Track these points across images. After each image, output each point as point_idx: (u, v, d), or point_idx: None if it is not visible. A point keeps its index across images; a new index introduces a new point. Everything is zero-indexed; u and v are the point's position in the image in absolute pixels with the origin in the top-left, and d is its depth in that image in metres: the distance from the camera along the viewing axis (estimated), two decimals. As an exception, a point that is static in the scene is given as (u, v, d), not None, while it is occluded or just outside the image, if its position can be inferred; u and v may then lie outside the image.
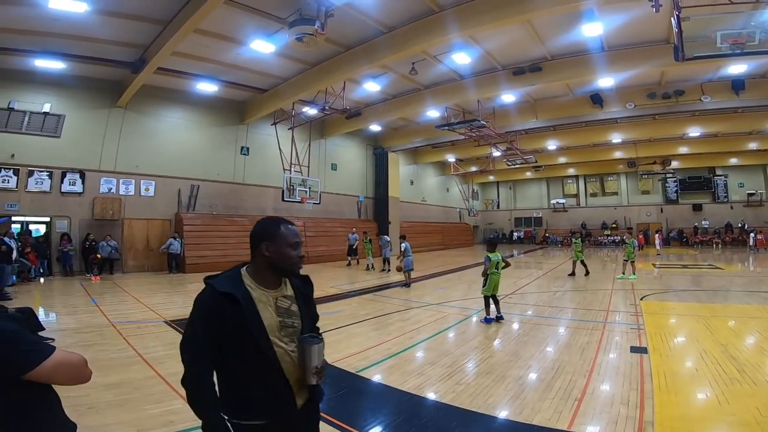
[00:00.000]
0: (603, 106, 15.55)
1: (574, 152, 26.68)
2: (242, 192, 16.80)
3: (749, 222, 27.14)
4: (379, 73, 13.70)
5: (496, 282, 6.79)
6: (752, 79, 13.47)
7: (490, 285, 6.72)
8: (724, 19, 5.76)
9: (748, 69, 12.76)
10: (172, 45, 10.02)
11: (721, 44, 5.66)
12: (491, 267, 6.73)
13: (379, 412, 3.44)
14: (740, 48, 5.72)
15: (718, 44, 5.68)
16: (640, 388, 3.74)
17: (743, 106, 15.54)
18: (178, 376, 4.02)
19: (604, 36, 10.88)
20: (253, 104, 16.24)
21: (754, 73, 13.19)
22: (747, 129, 19.95)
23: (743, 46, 5.67)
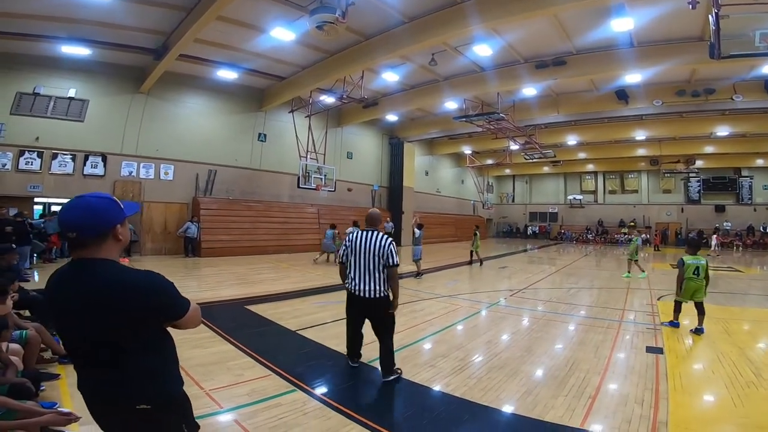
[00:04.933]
0: (628, 102, 15.13)
1: (594, 148, 26.13)
2: (258, 178, 16.97)
3: (773, 225, 26.32)
4: (398, 63, 13.56)
5: (694, 288, 5.84)
6: (787, 78, 12.91)
7: (685, 292, 5.89)
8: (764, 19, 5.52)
9: (783, 69, 12.22)
10: (194, 32, 10.08)
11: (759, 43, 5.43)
12: (687, 272, 5.86)
13: (390, 402, 3.49)
14: (778, 48, 5.49)
15: (756, 43, 5.46)
16: (655, 388, 3.71)
17: (775, 107, 14.95)
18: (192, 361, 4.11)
19: (633, 31, 10.50)
20: (271, 92, 16.28)
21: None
22: (778, 130, 19.18)
23: (782, 46, 5.43)
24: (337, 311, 6.63)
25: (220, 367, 4.11)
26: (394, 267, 3.76)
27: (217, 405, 3.27)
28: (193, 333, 5.12)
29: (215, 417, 3.10)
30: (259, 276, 10.31)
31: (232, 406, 3.27)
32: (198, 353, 4.47)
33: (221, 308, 6.80)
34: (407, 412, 3.30)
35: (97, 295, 1.35)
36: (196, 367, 4.04)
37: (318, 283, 9.39)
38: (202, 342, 4.87)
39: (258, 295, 7.77)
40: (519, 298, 8.43)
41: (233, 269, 11.24)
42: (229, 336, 5.11)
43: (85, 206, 1.40)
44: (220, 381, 3.75)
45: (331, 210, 19.19)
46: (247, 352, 4.56)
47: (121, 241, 1.48)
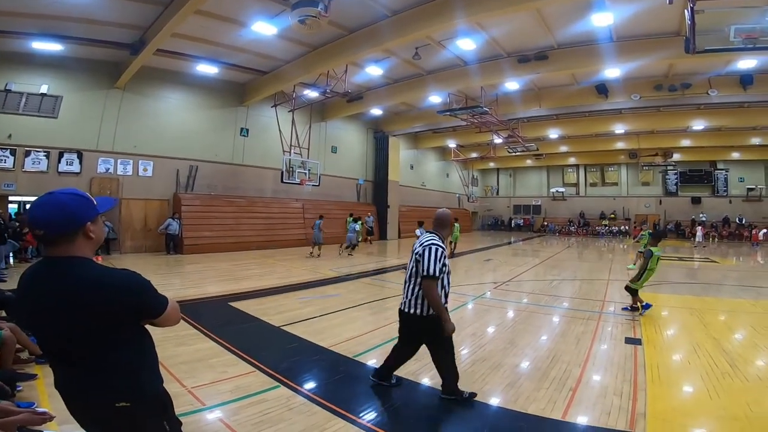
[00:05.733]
0: (608, 96, 15.38)
1: (575, 141, 26.52)
2: (241, 173, 16.72)
3: (747, 217, 27.31)
4: (381, 58, 13.48)
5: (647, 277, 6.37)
6: (761, 74, 13.29)
7: (644, 281, 6.35)
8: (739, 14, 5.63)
9: (758, 64, 12.58)
10: (172, 26, 9.83)
11: (734, 38, 5.56)
12: (652, 263, 6.28)
13: (376, 397, 3.49)
14: (753, 43, 5.62)
15: (731, 38, 5.58)
16: (634, 379, 3.79)
17: (749, 101, 15.43)
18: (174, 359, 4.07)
19: (613, 26, 10.66)
20: (253, 86, 16.02)
21: (763, 68, 12.99)
22: (751, 124, 19.79)
23: (756, 41, 5.56)
24: (322, 306, 6.63)
25: (203, 365, 4.06)
26: (426, 278, 3.08)
27: (200, 402, 3.24)
28: (175, 330, 5.08)
29: (198, 414, 3.07)
30: (244, 272, 10.20)
31: (216, 403, 3.25)
32: (181, 351, 4.41)
33: (205, 305, 6.71)
34: (393, 406, 3.31)
35: (69, 293, 1.33)
36: (178, 365, 3.99)
37: (303, 278, 9.35)
38: (185, 339, 4.80)
39: (242, 292, 7.68)
40: (503, 291, 8.55)
41: (217, 266, 11.09)
42: (212, 333, 5.05)
43: (53, 203, 1.37)
44: (203, 378, 3.71)
45: (316, 205, 19.06)
46: (230, 349, 4.51)
47: (93, 239, 1.44)
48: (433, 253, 3.11)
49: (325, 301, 7.10)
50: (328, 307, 6.60)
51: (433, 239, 3.23)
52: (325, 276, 9.73)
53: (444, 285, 3.22)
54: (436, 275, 3.06)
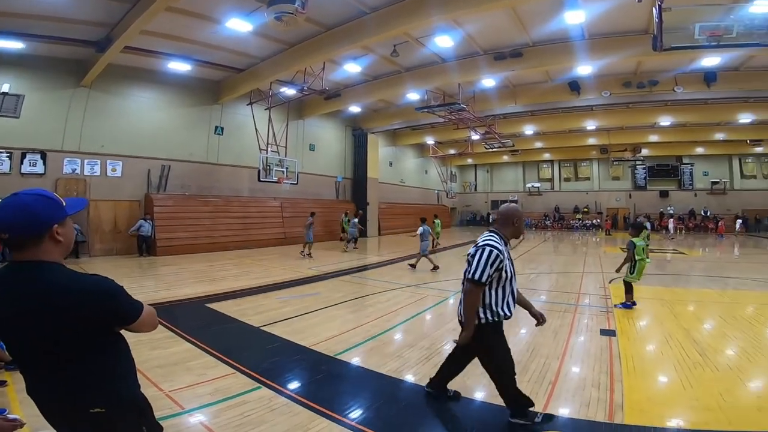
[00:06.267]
0: (580, 93, 15.78)
1: (550, 137, 27.14)
2: (216, 172, 16.32)
3: (712, 209, 28.63)
4: (359, 55, 13.39)
5: (641, 269, 6.37)
6: (724, 72, 13.90)
7: (638, 272, 6.35)
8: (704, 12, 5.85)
9: (721, 62, 13.12)
10: (141, 24, 9.50)
11: (698, 36, 5.77)
12: (638, 252, 6.32)
13: (359, 395, 3.46)
14: (717, 40, 5.85)
15: (696, 36, 5.79)
16: (610, 370, 3.86)
17: (713, 98, 16.09)
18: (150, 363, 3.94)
19: (585, 24, 10.91)
20: (228, 84, 15.65)
21: (726, 66, 13.59)
22: (715, 120, 20.72)
23: (720, 38, 5.80)
24: (301, 305, 6.55)
25: (180, 368, 3.96)
26: (470, 281, 2.69)
27: (179, 406, 3.16)
28: (151, 334, 4.87)
29: (177, 418, 2.99)
30: (221, 273, 9.97)
31: (195, 407, 3.17)
32: (156, 354, 4.30)
33: (181, 307, 6.53)
34: (376, 403, 3.29)
35: (39, 299, 1.28)
36: (155, 368, 3.89)
37: (281, 278, 9.21)
38: (160, 343, 4.66)
39: (219, 293, 7.51)
40: (482, 285, 8.65)
41: (192, 267, 10.80)
42: (189, 335, 4.92)
43: (17, 205, 1.30)
44: (181, 381, 3.62)
45: (294, 203, 18.85)
46: (209, 351, 4.40)
47: (62, 242, 1.37)
48: (484, 256, 2.66)
49: (304, 300, 7.02)
50: (308, 306, 6.53)
51: (489, 239, 2.76)
52: (304, 275, 9.62)
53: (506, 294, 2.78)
54: (482, 281, 2.64)
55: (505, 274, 2.73)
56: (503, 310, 2.77)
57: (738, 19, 5.72)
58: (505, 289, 2.77)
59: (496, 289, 2.74)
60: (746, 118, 19.31)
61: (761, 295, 7.63)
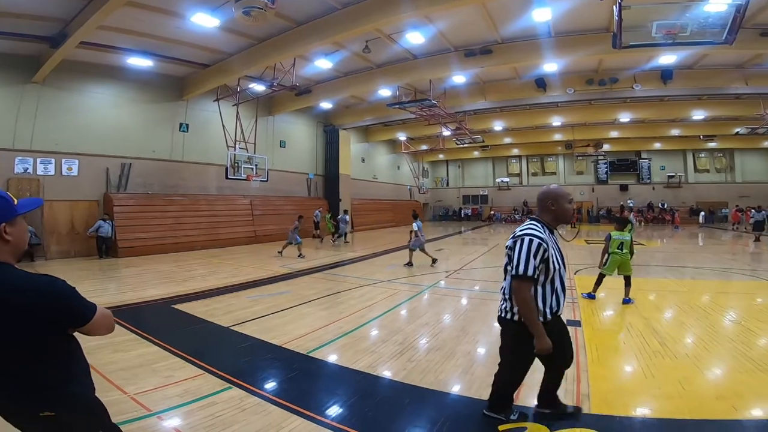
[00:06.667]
0: (546, 90, 16.22)
1: (518, 133, 27.77)
2: (181, 170, 15.74)
3: (669, 202, 30.23)
4: (331, 51, 13.23)
5: (618, 262, 6.44)
6: (680, 70, 14.63)
7: (610, 265, 6.45)
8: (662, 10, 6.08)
9: (677, 60, 13.78)
10: (98, 19, 9.03)
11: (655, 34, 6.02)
12: (612, 246, 6.46)
13: (332, 392, 3.43)
14: (673, 38, 6.12)
15: (653, 34, 6.03)
16: (576, 361, 3.91)
17: (669, 95, 16.89)
18: (112, 366, 3.76)
19: (552, 22, 11.18)
20: (193, 80, 15.09)
21: (681, 64, 14.30)
22: (671, 116, 21.78)
23: (675, 36, 6.06)
24: (272, 304, 6.43)
25: (145, 370, 3.82)
26: (515, 277, 2.40)
27: (145, 408, 3.05)
28: (111, 337, 4.68)
29: (144, 421, 2.88)
30: (188, 273, 9.65)
31: (163, 409, 3.06)
32: (119, 357, 4.13)
33: (145, 309, 6.28)
34: (350, 400, 3.26)
35: None
36: (117, 371, 3.74)
37: (252, 276, 9.01)
38: (123, 345, 4.48)
39: (187, 293, 7.27)
40: (454, 279, 8.78)
41: (157, 268, 10.39)
42: (154, 337, 4.73)
43: None
44: (146, 384, 3.49)
45: (265, 201, 18.48)
46: (175, 353, 4.26)
47: (10, 242, 1.33)
48: (524, 247, 2.37)
49: (275, 298, 6.89)
50: (279, 304, 6.41)
51: (529, 227, 2.47)
52: (275, 273, 9.45)
53: (555, 289, 2.48)
54: (529, 275, 2.34)
55: (553, 267, 2.42)
56: (551, 307, 2.47)
57: (692, 18, 6.00)
58: (554, 284, 2.48)
59: (544, 284, 2.44)
60: (699, 114, 20.39)
61: (716, 284, 8.08)
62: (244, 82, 14.64)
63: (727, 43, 6.76)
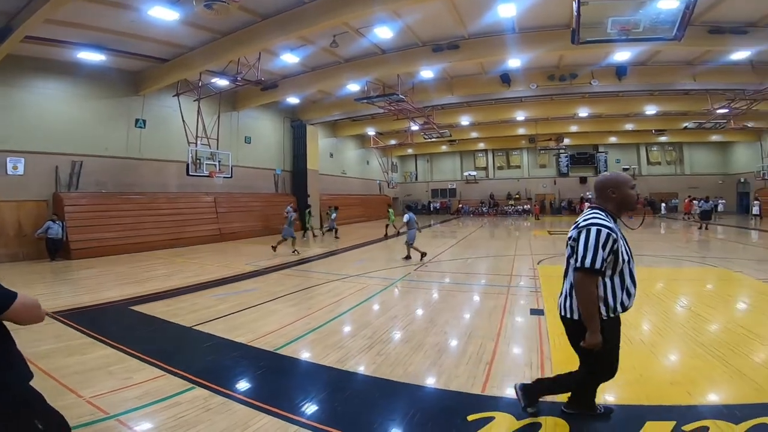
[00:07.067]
0: (510, 85, 16.55)
1: (484, 128, 28.35)
2: (138, 168, 15.00)
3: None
4: (298, 45, 12.95)
5: None
6: (634, 66, 15.32)
7: None
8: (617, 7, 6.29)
9: (631, 56, 14.41)
10: (45, 13, 8.49)
11: (610, 30, 6.24)
12: None
13: (301, 388, 3.38)
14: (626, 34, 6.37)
15: (608, 30, 6.25)
16: (540, 349, 4.05)
17: (624, 91, 17.73)
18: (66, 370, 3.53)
19: (516, 18, 11.40)
20: (151, 74, 14.35)
21: (635, 60, 14.98)
22: (626, 111, 22.85)
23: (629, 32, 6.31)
24: (238, 302, 6.27)
25: (101, 373, 3.65)
26: (580, 269, 2.23)
27: (102, 411, 2.92)
28: (65, 341, 4.57)
29: (102, 424, 2.76)
30: (148, 274, 9.24)
31: (121, 411, 2.94)
32: (73, 361, 3.94)
33: (102, 312, 5.97)
34: (318, 395, 3.22)
35: None
36: (71, 375, 3.55)
37: (217, 275, 8.74)
38: (78, 349, 4.27)
39: (146, 294, 6.96)
40: (423, 272, 8.87)
41: (114, 269, 9.89)
42: (111, 340, 4.52)
43: None
44: (102, 387, 3.34)
45: (230, 198, 17.97)
46: (134, 355, 4.08)
47: None
48: (591, 237, 2.20)
49: (241, 296, 6.72)
50: (246, 302, 6.26)
51: (594, 217, 2.29)
52: (241, 271, 9.21)
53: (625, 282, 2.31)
54: (596, 268, 2.17)
55: (622, 258, 2.26)
56: (622, 301, 2.31)
57: (645, 14, 6.27)
58: (623, 276, 2.30)
59: (612, 277, 2.28)
60: (651, 109, 21.52)
61: (670, 271, 8.55)
62: (206, 76, 14.08)
63: (676, 39, 7.12)
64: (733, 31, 11.36)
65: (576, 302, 2.34)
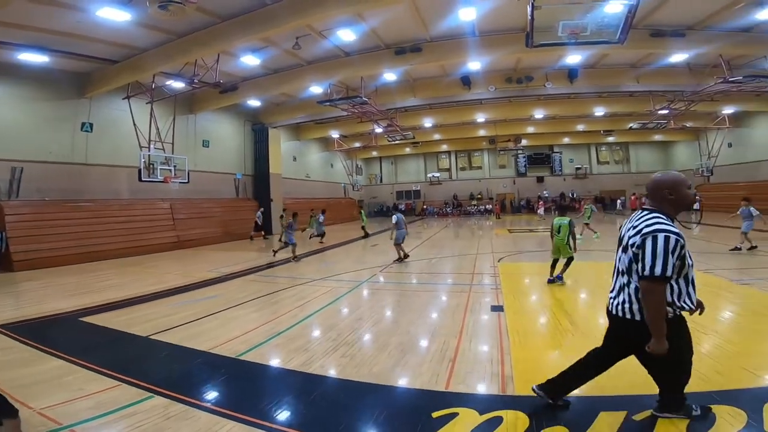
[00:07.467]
0: (471, 87, 17.03)
1: (446, 130, 28.94)
2: (86, 173, 14.14)
3: (577, 192, 33.48)
4: (259, 47, 12.73)
5: (557, 245, 6.88)
6: (584, 69, 16.18)
7: (553, 249, 6.93)
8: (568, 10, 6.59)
9: (582, 59, 15.20)
10: None
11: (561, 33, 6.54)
12: (554, 230, 6.90)
13: (266, 393, 3.32)
14: (576, 38, 6.71)
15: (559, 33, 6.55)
16: (500, 345, 4.16)
17: (575, 93, 18.58)
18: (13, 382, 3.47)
19: (476, 21, 11.74)
20: (99, 76, 13.61)
21: (586, 63, 15.83)
22: (577, 113, 24.05)
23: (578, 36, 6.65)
24: (199, 309, 6.07)
25: (51, 385, 3.48)
26: (647, 279, 2.13)
27: (55, 422, 2.80)
28: (12, 354, 4.33)
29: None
30: (99, 284, 8.74)
31: (75, 421, 2.82)
32: (21, 374, 3.74)
33: (49, 324, 5.63)
34: (284, 399, 3.18)
35: None
36: (18, 388, 3.36)
37: (175, 283, 8.40)
38: (24, 362, 4.06)
39: (98, 305, 6.60)
40: (388, 273, 8.93)
41: (62, 280, 9.27)
42: (60, 352, 4.29)
43: None
44: (53, 398, 3.18)
45: (188, 203, 17.30)
46: (85, 366, 3.90)
47: None
48: (660, 244, 2.10)
49: (201, 304, 6.50)
50: (207, 309, 6.06)
51: (659, 222, 2.18)
52: (201, 279, 8.90)
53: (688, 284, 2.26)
54: (667, 276, 2.09)
55: (688, 263, 2.21)
56: (685, 302, 2.26)
57: (593, 19, 6.62)
58: (688, 279, 2.25)
59: (677, 280, 2.23)
60: (600, 111, 22.79)
61: None
62: (160, 78, 13.49)
63: (620, 42, 7.56)
64: (673, 34, 12.19)
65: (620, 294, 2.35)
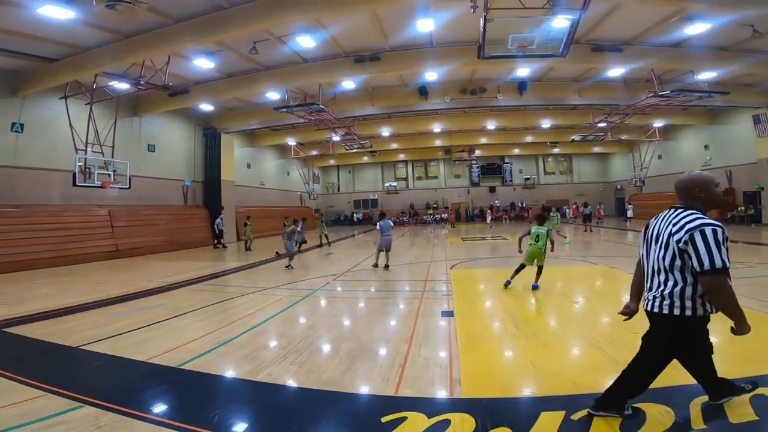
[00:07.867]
0: (428, 97, 17.42)
1: (403, 139, 29.43)
2: (14, 177, 12.91)
3: (526, 201, 35.13)
4: (213, 50, 12.33)
5: (534, 254, 6.96)
6: (532, 82, 17.07)
7: (528, 256, 7.01)
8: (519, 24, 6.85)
9: (530, 72, 15.99)
10: None
11: (510, 46, 6.81)
12: (531, 239, 7.00)
13: (210, 402, 3.12)
14: (524, 51, 7.02)
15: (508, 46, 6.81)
16: (449, 349, 4.22)
17: (524, 105, 19.45)
18: None
19: (434, 32, 12.03)
20: (33, 75, 12.63)
21: (534, 76, 16.70)
22: (526, 125, 25.26)
23: (525, 49, 6.97)
24: (139, 319, 5.69)
25: (-35, 395, 3.14)
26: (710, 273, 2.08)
27: None
28: None
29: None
30: (25, 295, 7.96)
31: None
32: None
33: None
34: (229, 408, 3.01)
35: None
36: None
37: (112, 293, 7.82)
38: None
39: (22, 315, 6.05)
40: (342, 281, 8.83)
41: (-20, 293, 8.35)
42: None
43: None
44: (-30, 409, 2.87)
45: (130, 210, 16.25)
46: (6, 376, 3.61)
47: None
48: (710, 237, 2.09)
49: (141, 313, 6.08)
50: (147, 319, 5.68)
51: (698, 217, 2.18)
52: (142, 288, 8.34)
53: None
54: (727, 266, 2.08)
55: None
56: None
57: (540, 32, 6.95)
58: None
59: None
60: (547, 123, 24.11)
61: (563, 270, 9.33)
62: (103, 79, 12.68)
63: (562, 55, 7.98)
64: (611, 49, 13.13)
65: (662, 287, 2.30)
